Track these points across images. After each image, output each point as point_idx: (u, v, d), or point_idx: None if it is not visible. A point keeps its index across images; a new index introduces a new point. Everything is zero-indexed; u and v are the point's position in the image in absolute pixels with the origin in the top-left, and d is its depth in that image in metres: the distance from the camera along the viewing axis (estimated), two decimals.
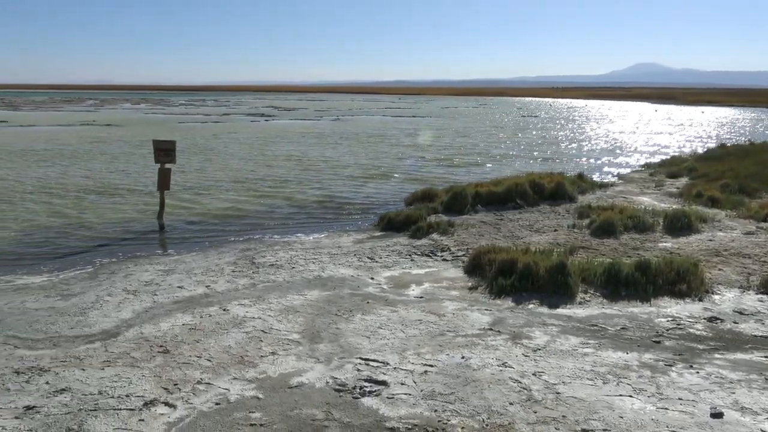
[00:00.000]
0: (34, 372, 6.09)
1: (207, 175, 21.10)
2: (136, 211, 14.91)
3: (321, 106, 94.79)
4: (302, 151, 29.06)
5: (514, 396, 5.52)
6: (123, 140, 34.23)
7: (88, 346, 6.73)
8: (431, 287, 8.81)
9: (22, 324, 7.40)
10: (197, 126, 48.04)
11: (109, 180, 19.71)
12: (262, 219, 14.14)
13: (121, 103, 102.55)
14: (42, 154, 27.06)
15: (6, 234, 12.41)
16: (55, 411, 5.34)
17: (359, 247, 11.10)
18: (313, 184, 19.17)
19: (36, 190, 17.56)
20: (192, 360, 6.35)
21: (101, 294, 8.48)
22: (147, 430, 5.06)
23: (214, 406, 5.43)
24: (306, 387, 5.78)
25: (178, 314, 7.69)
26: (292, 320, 7.46)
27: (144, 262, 10.29)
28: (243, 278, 9.21)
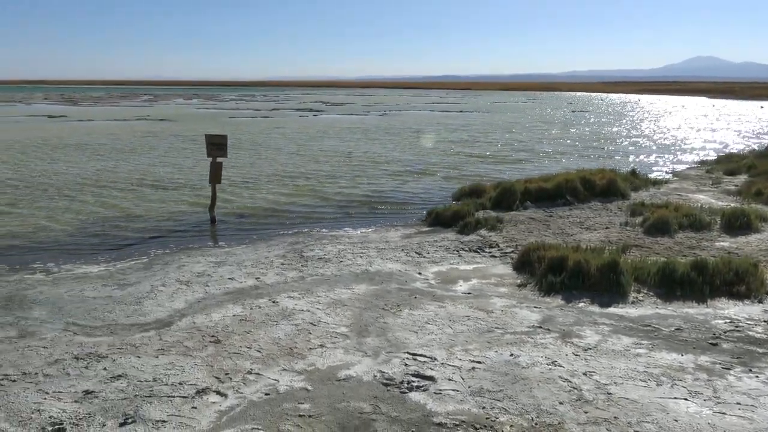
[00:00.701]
0: (92, 358, 6.30)
1: (256, 169, 21.42)
2: (188, 204, 15.25)
3: (368, 101, 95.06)
4: (349, 146, 29.21)
5: (564, 395, 5.43)
6: (176, 135, 35.04)
7: (143, 335, 6.92)
8: (479, 283, 8.75)
9: (81, 312, 7.67)
10: (247, 121, 48.82)
11: (162, 173, 20.21)
12: (310, 213, 14.29)
13: (174, 99, 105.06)
14: (99, 148, 27.94)
15: (66, 225, 12.87)
16: (112, 396, 5.52)
17: (407, 242, 11.10)
18: (360, 179, 19.25)
19: (93, 183, 18.15)
20: (242, 350, 6.47)
21: (155, 284, 8.71)
22: (199, 417, 5.18)
23: (263, 396, 5.52)
24: (354, 380, 5.82)
25: (229, 305, 7.84)
26: (340, 314, 7.52)
27: (196, 253, 10.52)
28: (292, 271, 9.32)
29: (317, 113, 61.14)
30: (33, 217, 13.50)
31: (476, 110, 69.99)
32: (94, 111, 62.96)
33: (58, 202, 15.20)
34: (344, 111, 66.06)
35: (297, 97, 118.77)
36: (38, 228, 12.54)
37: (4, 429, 5.02)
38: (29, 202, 15.17)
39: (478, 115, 58.97)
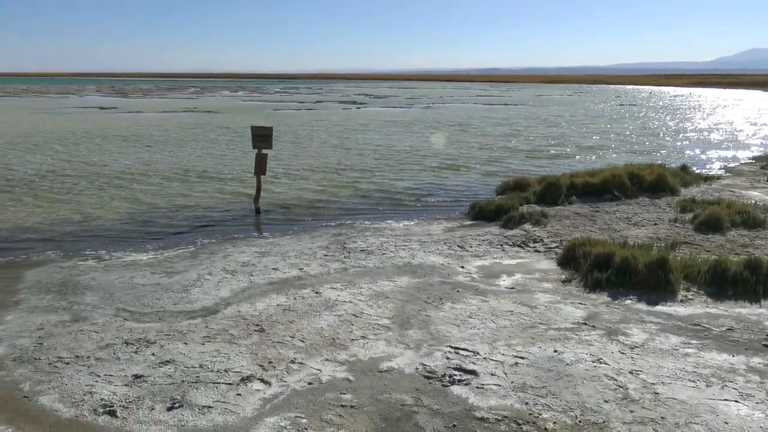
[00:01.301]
0: (141, 343, 6.47)
1: (300, 161, 21.61)
2: (233, 194, 15.50)
3: (412, 94, 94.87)
4: (392, 140, 29.20)
5: (610, 394, 5.34)
6: (222, 126, 35.61)
7: (190, 322, 7.08)
8: (523, 278, 8.66)
9: (131, 298, 7.88)
10: (291, 113, 49.29)
11: (208, 164, 20.58)
12: (352, 205, 14.36)
13: (220, 91, 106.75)
14: (148, 139, 28.59)
15: (116, 214, 13.23)
16: (161, 381, 5.67)
17: (449, 236, 11.06)
18: (402, 173, 19.24)
19: (142, 173, 18.60)
20: (286, 340, 6.55)
21: (202, 273, 8.89)
22: (244, 404, 5.27)
23: (306, 386, 5.58)
24: (396, 372, 5.83)
25: (273, 295, 7.95)
26: (382, 306, 7.54)
27: (241, 243, 10.69)
28: (335, 262, 9.39)
29: (360, 106, 61.31)
30: (85, 206, 13.92)
31: (520, 103, 69.11)
32: (143, 103, 64.44)
33: (108, 192, 15.63)
34: (387, 104, 66.09)
35: (340, 89, 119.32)
36: (90, 216, 12.92)
37: (58, 409, 5.20)
38: (82, 191, 15.64)
39: (521, 108, 58.21)
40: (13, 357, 6.17)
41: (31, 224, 12.20)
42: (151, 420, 5.04)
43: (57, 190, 15.70)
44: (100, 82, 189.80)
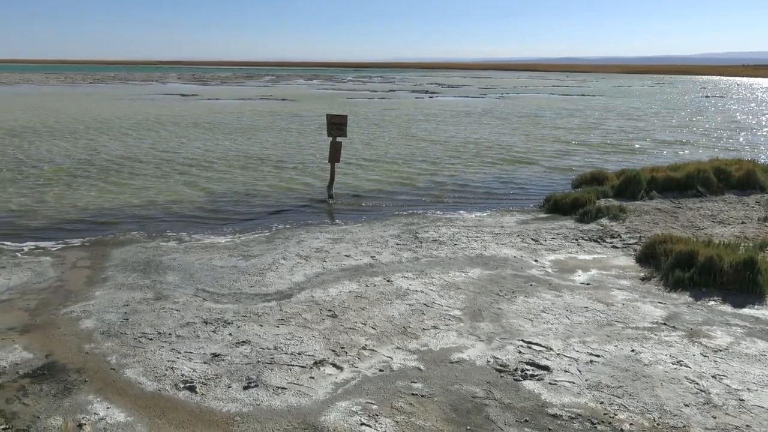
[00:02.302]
0: (219, 323, 6.70)
1: (372, 149, 21.74)
2: (307, 181, 15.76)
3: (486, 84, 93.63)
4: (464, 130, 28.94)
5: (690, 398, 5.14)
6: (296, 114, 36.23)
7: (265, 305, 7.26)
8: (599, 274, 8.43)
9: (210, 279, 8.16)
10: (364, 101, 49.59)
11: (283, 151, 20.99)
12: (424, 195, 14.33)
13: (295, 79, 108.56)
14: (225, 126, 29.42)
15: (195, 197, 13.70)
16: (237, 360, 5.85)
17: (523, 228, 10.88)
18: (474, 163, 19.05)
19: (220, 159, 19.17)
20: (358, 326, 6.63)
21: (277, 257, 9.10)
22: (316, 387, 5.38)
23: (377, 372, 5.63)
24: (467, 364, 5.81)
25: (346, 281, 8.05)
26: (453, 296, 7.51)
27: (314, 230, 10.87)
28: (406, 251, 9.41)
29: (433, 95, 61.01)
30: (167, 189, 14.48)
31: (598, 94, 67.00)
32: (222, 90, 66.29)
33: (188, 176, 16.20)
34: (460, 93, 65.49)
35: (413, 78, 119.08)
36: (171, 199, 13.44)
37: (142, 382, 5.46)
38: (164, 175, 16.28)
39: (598, 100, 56.39)
40: (101, 331, 6.51)
41: (117, 205, 12.81)
42: (228, 398, 5.21)
43: (141, 174, 16.39)
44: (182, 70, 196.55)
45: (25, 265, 8.73)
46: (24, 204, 12.82)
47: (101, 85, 77.72)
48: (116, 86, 73.86)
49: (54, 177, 15.80)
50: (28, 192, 13.99)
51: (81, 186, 14.72)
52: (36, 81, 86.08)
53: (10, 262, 8.85)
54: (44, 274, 8.32)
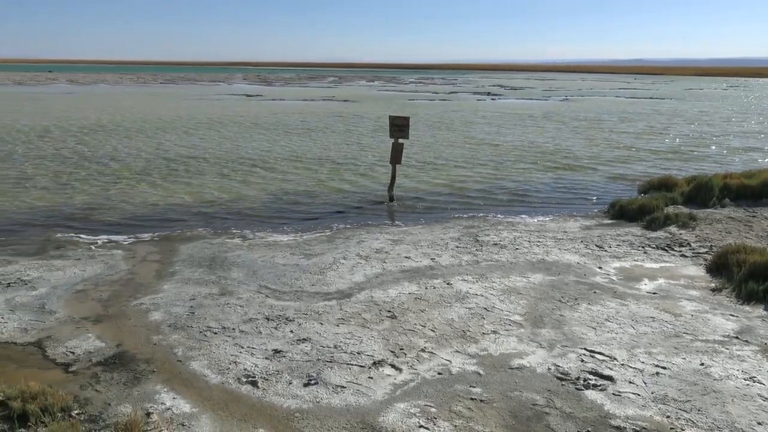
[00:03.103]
0: (281, 320, 6.82)
1: (433, 151, 21.69)
2: (368, 182, 15.87)
3: (550, 86, 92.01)
4: (526, 133, 28.52)
5: (764, 416, 4.92)
6: (357, 115, 36.51)
7: (326, 303, 7.35)
8: (666, 284, 8.15)
9: (272, 276, 8.32)
10: (425, 103, 49.53)
11: (344, 152, 21.20)
12: (485, 197, 14.19)
13: (357, 80, 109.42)
14: (289, 126, 29.92)
15: (259, 196, 14.00)
16: (298, 357, 5.95)
17: (586, 234, 10.64)
18: (535, 167, 18.76)
19: (284, 158, 19.52)
20: (417, 328, 6.63)
21: (337, 257, 9.19)
22: (375, 387, 5.41)
23: (436, 375, 5.62)
24: (527, 370, 5.73)
25: (405, 283, 8.06)
26: (514, 301, 7.42)
27: (375, 230, 10.93)
28: (466, 254, 9.35)
29: (495, 97, 60.42)
30: (232, 187, 14.85)
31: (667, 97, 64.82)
32: (285, 91, 67.49)
33: (253, 175, 16.57)
34: (523, 95, 64.60)
35: (475, 80, 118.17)
36: (236, 197, 13.78)
37: (206, 375, 5.61)
38: (230, 174, 16.69)
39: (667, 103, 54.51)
40: (168, 323, 6.73)
41: (184, 202, 13.22)
42: (288, 394, 5.30)
43: (206, 172, 16.86)
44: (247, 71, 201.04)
45: (99, 257, 9.12)
46: (98, 199, 13.39)
47: (171, 85, 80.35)
48: (185, 87, 76.20)
49: (125, 174, 16.44)
50: (102, 188, 14.61)
51: (150, 182, 15.27)
52: (110, 81, 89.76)
53: (85, 254, 9.26)
54: (116, 267, 8.67)
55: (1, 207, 12.52)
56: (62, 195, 13.74)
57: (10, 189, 14.26)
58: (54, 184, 14.89)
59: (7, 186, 14.60)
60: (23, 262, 8.87)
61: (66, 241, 10.02)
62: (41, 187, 14.51)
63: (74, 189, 14.39)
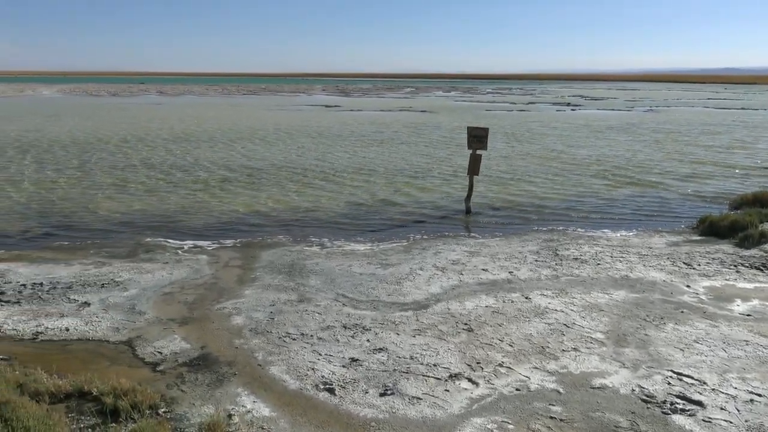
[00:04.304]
0: (358, 329, 6.88)
1: (511, 162, 21.40)
2: (444, 193, 15.81)
3: (633, 96, 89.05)
4: (610, 144, 27.67)
5: None
6: (435, 126, 36.51)
7: (402, 314, 7.36)
8: (762, 305, 7.70)
9: (349, 285, 8.41)
10: (503, 114, 48.98)
11: (421, 162, 21.22)
12: (564, 211, 13.85)
13: (433, 91, 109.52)
14: (366, 137, 30.24)
15: (337, 205, 14.21)
16: (374, 367, 5.98)
17: (673, 251, 10.20)
18: (618, 180, 18.14)
19: (360, 168, 19.74)
20: (494, 342, 6.54)
21: (414, 267, 9.20)
22: (451, 401, 5.36)
23: (514, 391, 5.52)
24: (609, 390, 5.53)
25: (482, 296, 7.97)
26: (596, 318, 7.20)
27: (451, 242, 10.87)
28: (545, 269, 9.15)
29: (575, 108, 59.02)
30: (310, 196, 15.15)
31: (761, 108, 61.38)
32: (363, 102, 68.33)
33: (330, 185, 16.85)
34: (604, 106, 62.81)
35: (554, 90, 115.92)
36: (315, 206, 14.03)
37: (285, 380, 5.73)
38: (309, 183, 17.04)
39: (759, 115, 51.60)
40: (249, 328, 6.92)
41: (265, 210, 13.58)
42: (365, 402, 5.34)
43: (286, 180, 17.28)
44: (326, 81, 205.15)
45: (185, 261, 9.50)
46: (184, 205, 13.96)
47: (253, 96, 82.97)
48: (266, 97, 78.52)
49: (209, 181, 17.06)
50: (187, 194, 15.22)
51: (232, 190, 15.79)
52: (197, 92, 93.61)
53: (172, 258, 9.67)
54: (201, 271, 9.00)
55: (99, 211, 13.26)
56: (151, 201, 14.41)
57: (108, 194, 15.08)
58: (144, 191, 15.64)
59: (106, 192, 15.45)
60: (116, 264, 9.35)
61: (155, 245, 10.50)
62: (132, 193, 15.27)
63: (162, 196, 15.07)
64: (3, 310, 7.43)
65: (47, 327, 6.94)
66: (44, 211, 13.23)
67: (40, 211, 13.29)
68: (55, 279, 8.58)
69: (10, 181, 16.72)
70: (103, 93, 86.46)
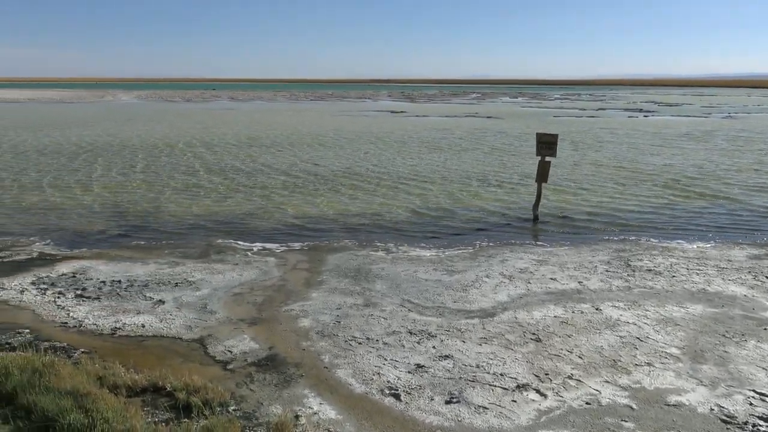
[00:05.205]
0: (423, 335, 6.86)
1: (580, 170, 20.91)
2: (511, 200, 15.59)
3: (710, 102, 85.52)
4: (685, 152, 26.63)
5: None
6: (501, 132, 36.09)
7: (468, 321, 7.29)
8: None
9: (415, 291, 8.40)
10: (572, 120, 47.95)
11: (487, 169, 21.01)
12: (635, 220, 13.40)
13: (500, 97, 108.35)
14: (434, 143, 30.18)
15: (402, 211, 14.22)
16: (440, 374, 5.94)
17: (755, 264, 9.72)
18: (696, 188, 17.44)
19: (425, 174, 19.71)
20: (563, 353, 6.39)
21: (480, 275, 9.10)
22: (518, 411, 5.27)
23: (584, 405, 5.37)
24: (685, 408, 5.31)
25: (550, 305, 7.81)
26: (671, 333, 6.93)
27: (518, 249, 10.70)
28: (617, 279, 8.88)
29: (648, 114, 57.16)
30: (377, 201, 15.23)
31: None
32: (429, 107, 68.27)
33: (397, 190, 16.89)
34: (679, 112, 60.55)
35: (625, 96, 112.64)
36: (380, 211, 14.10)
37: (351, 384, 5.76)
38: (376, 189, 17.13)
39: None
40: (316, 330, 7.01)
41: (331, 214, 13.74)
42: (430, 410, 5.31)
43: (352, 185, 17.43)
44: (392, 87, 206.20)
45: (254, 263, 9.71)
46: (252, 208, 14.29)
47: (320, 102, 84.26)
48: (333, 103, 79.55)
49: (277, 185, 17.41)
50: (256, 198, 15.57)
51: (299, 194, 16.05)
52: (266, 98, 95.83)
53: (242, 260, 9.91)
54: (269, 273, 9.18)
55: (171, 213, 13.74)
56: (221, 204, 14.82)
57: (179, 197, 15.62)
58: (213, 194, 16.11)
59: (177, 194, 16.00)
60: (189, 264, 9.66)
61: (225, 247, 10.78)
62: (202, 196, 15.75)
63: (231, 198, 15.47)
64: (84, 306, 7.80)
65: (125, 323, 7.23)
66: (119, 212, 13.81)
67: (115, 212, 13.89)
68: (132, 277, 8.93)
69: (86, 184, 17.55)
70: (177, 99, 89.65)
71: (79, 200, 15.16)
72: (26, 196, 15.58)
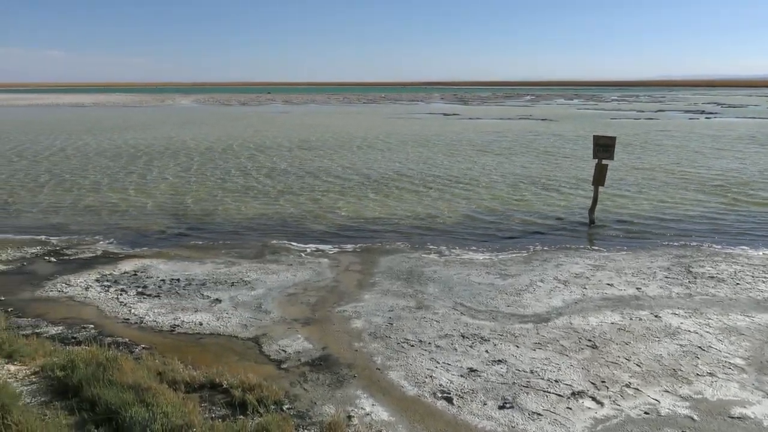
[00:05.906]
0: (476, 339, 6.81)
1: (638, 173, 20.36)
2: (566, 203, 15.32)
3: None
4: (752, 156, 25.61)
5: None
6: (556, 134, 35.50)
7: (522, 326, 7.20)
8: None
9: (467, 294, 8.35)
10: (629, 122, 46.75)
11: (542, 172, 20.69)
12: (696, 225, 12.96)
13: (554, 99, 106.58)
14: (487, 145, 29.94)
15: (455, 214, 14.15)
16: (493, 379, 5.88)
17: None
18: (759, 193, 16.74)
19: (478, 177, 19.56)
20: (620, 361, 6.24)
21: (534, 279, 8.97)
22: (574, 419, 5.17)
23: (642, 414, 5.23)
24: (750, 421, 5.12)
25: (607, 312, 7.63)
26: (735, 342, 6.68)
27: (573, 254, 10.50)
28: (677, 286, 8.61)
29: (710, 116, 55.24)
30: (428, 204, 15.20)
31: None
32: (482, 110, 67.75)
33: (449, 193, 16.82)
34: (744, 114, 58.30)
35: (685, 97, 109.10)
36: (433, 214, 14.06)
37: (403, 386, 5.77)
38: (427, 191, 17.11)
39: None
40: (369, 332, 7.04)
41: (384, 216, 13.78)
42: (483, 414, 5.26)
43: (405, 188, 17.46)
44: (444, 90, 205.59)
45: (308, 264, 9.84)
46: (305, 210, 14.47)
47: (373, 104, 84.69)
48: (386, 106, 79.82)
49: (330, 187, 17.58)
50: (310, 200, 15.77)
51: (353, 196, 16.16)
52: (319, 101, 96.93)
53: (296, 261, 10.05)
54: (322, 274, 9.28)
55: (226, 214, 14.05)
56: (275, 205, 15.06)
57: (234, 198, 15.96)
58: (267, 195, 16.39)
59: (232, 196, 16.36)
60: (245, 264, 9.86)
61: (280, 248, 10.95)
62: (256, 197, 16.05)
63: (286, 200, 15.71)
64: (145, 303, 8.05)
65: (183, 320, 7.43)
66: (177, 213, 14.20)
67: (173, 212, 14.29)
68: (190, 276, 9.17)
69: (144, 185, 18.12)
70: (234, 102, 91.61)
71: (139, 201, 15.66)
72: (89, 197, 16.21)
